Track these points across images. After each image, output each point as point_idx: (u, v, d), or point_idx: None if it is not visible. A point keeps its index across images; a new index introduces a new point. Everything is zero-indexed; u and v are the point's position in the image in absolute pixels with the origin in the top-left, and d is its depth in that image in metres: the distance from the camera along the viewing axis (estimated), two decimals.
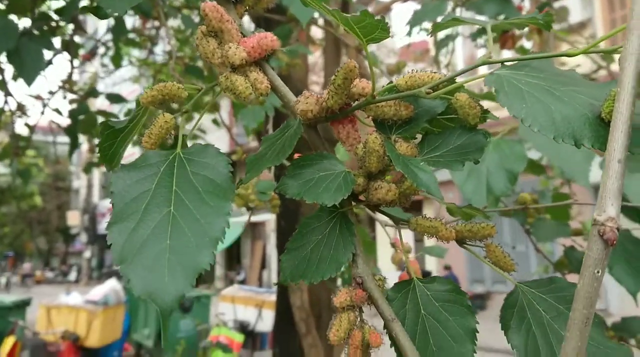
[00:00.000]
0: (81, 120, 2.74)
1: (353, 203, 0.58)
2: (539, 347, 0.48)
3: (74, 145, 2.82)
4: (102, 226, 30.21)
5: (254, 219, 20.34)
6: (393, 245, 1.14)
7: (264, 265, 20.81)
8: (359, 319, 0.52)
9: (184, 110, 0.54)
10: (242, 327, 8.05)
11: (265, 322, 7.74)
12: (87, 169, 3.97)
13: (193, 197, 0.49)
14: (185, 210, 0.48)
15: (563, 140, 0.43)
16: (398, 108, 0.53)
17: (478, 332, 0.53)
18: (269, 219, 18.37)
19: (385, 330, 0.52)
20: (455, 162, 0.52)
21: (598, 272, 0.36)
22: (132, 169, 0.49)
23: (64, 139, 3.36)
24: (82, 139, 3.22)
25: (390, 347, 0.52)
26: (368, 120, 0.58)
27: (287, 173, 0.55)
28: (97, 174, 31.31)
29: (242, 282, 18.53)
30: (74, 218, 30.97)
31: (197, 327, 7.32)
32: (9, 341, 5.55)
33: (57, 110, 3.62)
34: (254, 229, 21.73)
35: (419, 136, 0.58)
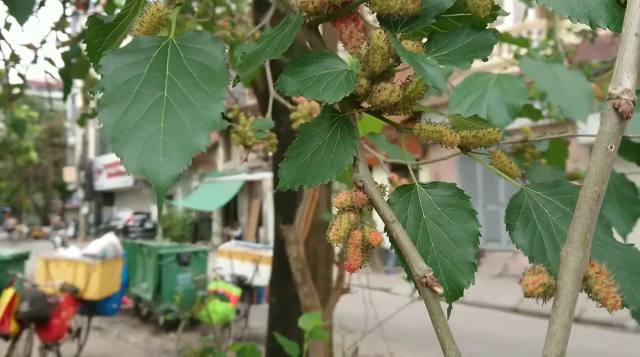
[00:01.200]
0: (75, 64, 2.68)
1: (355, 110, 0.56)
2: (545, 247, 0.47)
3: (67, 89, 2.77)
4: (98, 183, 30.26)
5: (251, 177, 20.40)
6: (390, 180, 1.12)
7: (260, 222, 20.98)
8: (359, 221, 0.51)
9: (177, 2, 0.51)
10: (239, 282, 8.16)
11: (262, 276, 7.84)
12: (82, 121, 3.93)
13: (187, 82, 0.46)
14: (180, 94, 0.46)
15: (578, 20, 0.41)
16: (404, 1, 0.50)
17: (481, 235, 0.52)
18: (265, 177, 18.41)
19: (386, 232, 0.51)
20: (462, 60, 0.50)
21: (611, 147, 0.34)
22: (123, 53, 0.47)
23: (59, 94, 3.30)
24: (77, 89, 3.17)
25: (390, 249, 0.52)
26: (372, 24, 0.55)
27: (286, 70, 0.52)
28: (92, 130, 31.14)
29: (239, 238, 18.71)
30: (70, 174, 30.98)
31: (194, 280, 7.42)
32: (8, 293, 5.60)
33: (50, 60, 3.54)
34: (251, 188, 21.81)
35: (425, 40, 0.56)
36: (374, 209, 0.53)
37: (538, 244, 0.48)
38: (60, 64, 2.91)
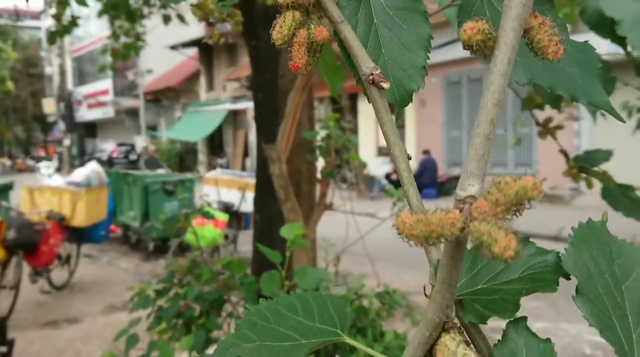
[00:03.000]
0: None
1: None
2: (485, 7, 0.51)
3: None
4: (79, 114, 29.72)
5: (235, 106, 20.14)
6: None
7: (246, 153, 20.94)
8: (305, 20, 0.48)
9: None
10: (226, 208, 8.25)
11: (249, 203, 7.89)
12: (52, 39, 3.77)
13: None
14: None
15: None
16: None
17: (432, 39, 0.50)
18: (250, 106, 18.18)
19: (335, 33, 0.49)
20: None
21: None
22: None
23: (32, 23, 3.14)
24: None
25: (339, 49, 0.50)
26: None
27: None
28: (68, 60, 30.17)
29: (225, 167, 18.73)
30: (49, 106, 30.34)
31: (179, 199, 7.50)
32: None
33: None
34: (235, 118, 21.58)
35: None
36: None
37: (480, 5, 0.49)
38: None
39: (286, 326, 0.46)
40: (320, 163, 2.95)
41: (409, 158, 0.43)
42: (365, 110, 16.25)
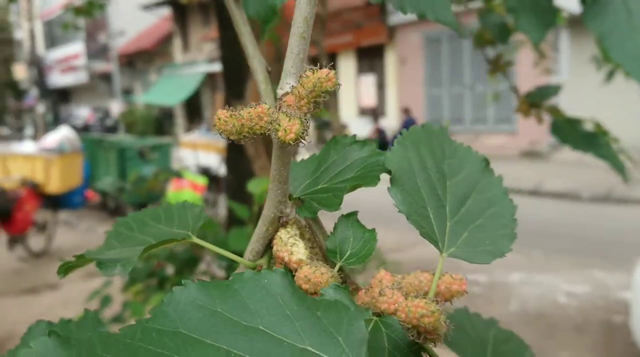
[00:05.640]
0: None
1: None
2: None
3: None
4: (52, 80, 28.95)
5: (212, 68, 19.74)
6: None
7: None
8: None
9: None
10: (205, 172, 8.17)
11: None
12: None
13: None
14: None
15: None
16: None
17: None
18: None
19: None
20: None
21: None
22: None
23: None
24: None
25: None
26: None
27: None
28: (39, 24, 29.17)
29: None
30: (20, 71, 29.49)
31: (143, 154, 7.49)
32: None
33: None
34: (213, 80, 21.19)
35: None
36: None
37: None
38: None
39: (147, 232, 0.49)
40: None
41: (269, 71, 0.45)
42: (345, 70, 16.07)
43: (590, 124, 1.21)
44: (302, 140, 0.33)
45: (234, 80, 2.90)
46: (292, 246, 0.38)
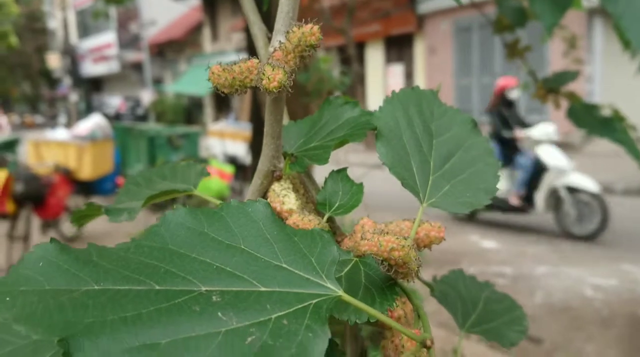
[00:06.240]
0: None
1: None
2: None
3: None
4: (84, 69, 29.53)
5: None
6: None
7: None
8: None
9: None
10: (232, 160, 8.25)
11: None
12: None
13: None
14: None
15: None
16: None
17: None
18: None
19: None
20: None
21: None
22: None
23: None
24: None
25: None
26: None
27: None
28: (72, 13, 29.75)
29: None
30: (54, 61, 30.13)
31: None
32: (1, 175, 5.66)
33: None
34: None
35: None
36: None
37: None
38: None
39: (153, 188, 0.54)
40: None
41: (269, 37, 0.47)
42: (373, 59, 15.96)
43: (608, 110, 1.20)
44: (287, 90, 0.35)
45: None
46: (284, 197, 0.41)
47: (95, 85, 31.12)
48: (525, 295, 4.30)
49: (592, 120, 1.11)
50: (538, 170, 5.89)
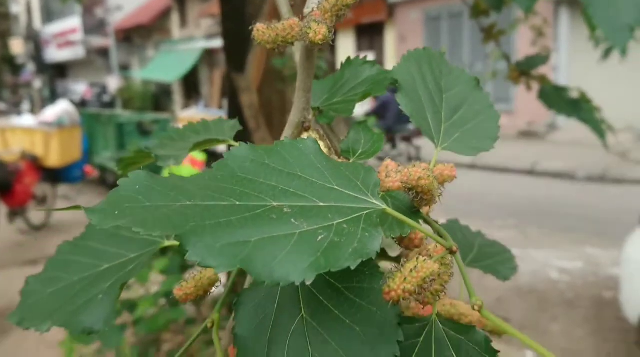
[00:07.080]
0: None
1: None
2: None
3: None
4: (49, 54, 28.70)
5: (210, 44, 19.61)
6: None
7: (224, 92, 20.59)
8: None
9: None
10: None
11: None
12: None
13: None
14: None
15: None
16: None
17: None
18: None
19: None
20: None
21: None
22: None
23: None
24: None
25: None
26: None
27: None
28: None
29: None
30: (17, 46, 29.21)
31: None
32: None
33: None
34: (210, 56, 21.06)
35: None
36: None
37: None
38: None
39: (188, 141, 0.59)
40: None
41: (292, 5, 0.52)
42: (344, 47, 16.00)
43: (576, 93, 1.27)
44: (329, 42, 0.39)
45: (235, 53, 2.91)
46: None
47: (59, 71, 30.29)
48: (492, 277, 4.43)
49: (561, 102, 1.19)
50: None
